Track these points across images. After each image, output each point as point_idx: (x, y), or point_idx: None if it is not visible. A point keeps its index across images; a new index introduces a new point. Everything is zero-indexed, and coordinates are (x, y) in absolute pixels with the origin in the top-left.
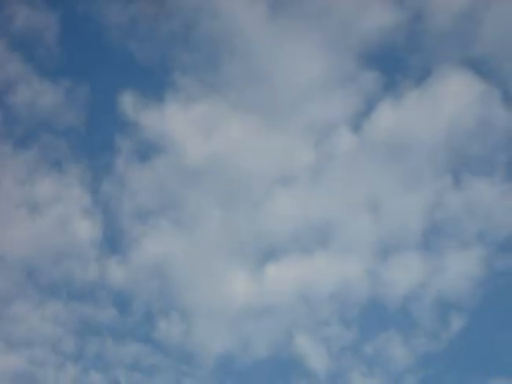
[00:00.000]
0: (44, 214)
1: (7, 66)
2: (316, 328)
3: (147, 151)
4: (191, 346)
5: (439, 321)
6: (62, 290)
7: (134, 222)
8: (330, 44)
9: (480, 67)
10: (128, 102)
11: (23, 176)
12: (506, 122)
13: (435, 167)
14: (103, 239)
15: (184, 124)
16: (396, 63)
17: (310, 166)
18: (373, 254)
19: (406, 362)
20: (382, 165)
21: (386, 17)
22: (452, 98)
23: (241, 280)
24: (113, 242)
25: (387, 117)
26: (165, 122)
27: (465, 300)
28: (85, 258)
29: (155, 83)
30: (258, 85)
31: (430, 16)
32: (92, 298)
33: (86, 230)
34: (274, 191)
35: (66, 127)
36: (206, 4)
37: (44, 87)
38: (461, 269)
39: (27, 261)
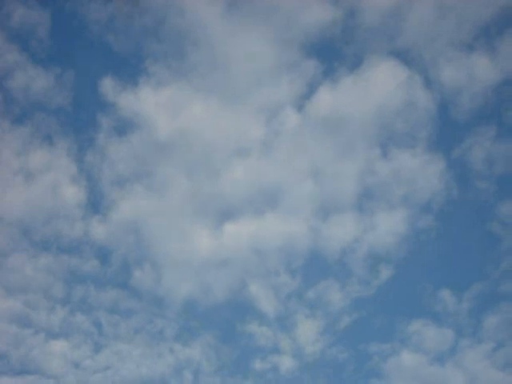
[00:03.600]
0: (37, 181)
1: (6, 55)
2: (266, 277)
3: (124, 127)
4: (161, 292)
5: (370, 271)
6: (52, 244)
7: (113, 187)
8: (277, 36)
9: (404, 57)
10: (107, 85)
11: (19, 148)
12: (426, 103)
13: (366, 140)
14: (87, 202)
15: (155, 104)
16: (333, 53)
17: (261, 140)
18: (314, 213)
19: (342, 305)
20: (321, 139)
21: (325, 13)
22: (381, 83)
23: (203, 236)
24: (95, 204)
25: (326, 98)
26: (139, 103)
27: (392, 253)
28: (71, 218)
29: (130, 70)
30: (218, 71)
31: (361, 13)
32: (78, 252)
33: (72, 194)
34: (231, 161)
35: (55, 107)
36: (173, 3)
37: (37, 73)
38: (389, 227)
39: (23, 220)
